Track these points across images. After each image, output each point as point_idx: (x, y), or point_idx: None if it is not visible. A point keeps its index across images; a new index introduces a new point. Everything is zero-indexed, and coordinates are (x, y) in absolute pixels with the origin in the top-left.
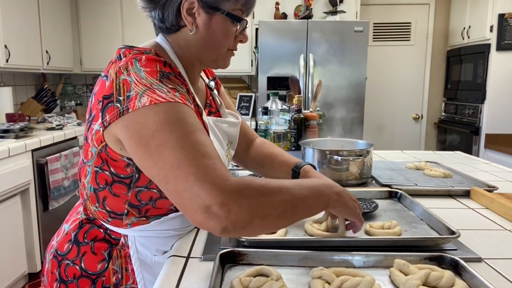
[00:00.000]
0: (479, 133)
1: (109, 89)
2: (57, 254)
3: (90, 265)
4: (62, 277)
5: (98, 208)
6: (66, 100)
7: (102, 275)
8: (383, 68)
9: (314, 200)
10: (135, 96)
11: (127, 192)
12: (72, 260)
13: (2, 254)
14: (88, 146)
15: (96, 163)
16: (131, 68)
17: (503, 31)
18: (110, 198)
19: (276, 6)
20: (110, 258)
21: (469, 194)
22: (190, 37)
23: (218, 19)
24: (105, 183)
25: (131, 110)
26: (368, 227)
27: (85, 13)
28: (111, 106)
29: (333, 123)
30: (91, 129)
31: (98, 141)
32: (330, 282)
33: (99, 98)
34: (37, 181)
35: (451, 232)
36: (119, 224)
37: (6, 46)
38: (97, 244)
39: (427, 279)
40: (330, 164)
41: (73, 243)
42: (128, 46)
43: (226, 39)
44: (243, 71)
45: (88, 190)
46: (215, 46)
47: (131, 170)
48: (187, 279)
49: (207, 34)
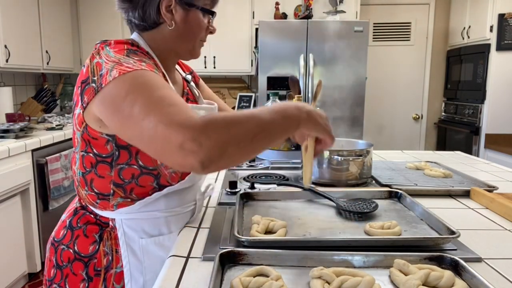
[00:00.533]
0: (479, 133)
1: (85, 74)
2: (54, 241)
3: (82, 247)
4: (58, 263)
5: (88, 191)
6: (66, 100)
7: (94, 257)
8: (383, 68)
9: (284, 121)
10: (106, 72)
11: (110, 172)
12: (67, 245)
13: (2, 254)
14: (74, 134)
15: (81, 147)
16: (101, 52)
17: (503, 31)
18: (96, 180)
19: (276, 6)
20: (101, 240)
21: (469, 194)
22: (168, 32)
23: (194, 14)
24: (91, 166)
25: (104, 85)
26: (368, 227)
27: (85, 13)
28: (87, 87)
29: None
30: (73, 114)
31: (79, 123)
32: (330, 282)
33: (78, 84)
34: (37, 181)
35: (451, 232)
36: (106, 206)
37: (6, 46)
38: (89, 227)
39: (427, 279)
40: (330, 164)
41: (68, 229)
42: (102, 40)
43: (200, 31)
44: (243, 71)
45: (78, 175)
46: (192, 38)
47: (111, 148)
48: (187, 279)
49: (185, 28)
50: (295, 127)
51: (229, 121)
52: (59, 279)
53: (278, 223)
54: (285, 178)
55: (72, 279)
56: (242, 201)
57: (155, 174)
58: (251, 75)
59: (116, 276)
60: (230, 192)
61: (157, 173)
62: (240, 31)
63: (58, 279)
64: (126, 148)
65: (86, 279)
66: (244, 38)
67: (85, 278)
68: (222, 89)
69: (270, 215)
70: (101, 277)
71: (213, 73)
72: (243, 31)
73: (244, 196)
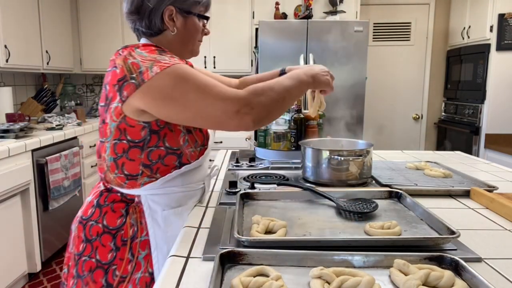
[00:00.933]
0: (479, 133)
1: (120, 73)
2: (82, 220)
3: (111, 221)
4: (87, 237)
5: (117, 174)
6: (66, 100)
7: (121, 229)
8: (383, 68)
9: (299, 84)
10: (146, 70)
11: (140, 155)
12: (96, 220)
13: (2, 254)
14: (107, 126)
15: (114, 136)
16: (134, 53)
17: (503, 31)
18: (127, 164)
19: (276, 6)
20: (127, 214)
21: (469, 194)
22: (171, 37)
23: (191, 20)
24: (122, 151)
25: (147, 80)
26: (368, 227)
27: (85, 13)
28: (126, 84)
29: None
30: (109, 109)
31: (117, 115)
32: (330, 282)
33: (113, 83)
34: (37, 181)
35: (451, 232)
36: (134, 185)
37: (6, 46)
38: (116, 205)
39: (427, 279)
40: (330, 164)
41: (96, 207)
42: (123, 46)
43: (197, 33)
44: (243, 71)
45: (108, 161)
46: (191, 40)
47: (145, 133)
48: (187, 279)
49: (185, 32)
50: (306, 88)
51: (266, 89)
52: (89, 251)
53: (278, 223)
54: (285, 178)
55: (102, 250)
56: (242, 201)
57: (178, 154)
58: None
59: (140, 244)
60: (230, 192)
61: (180, 152)
62: (240, 31)
63: (88, 252)
64: (157, 132)
65: (114, 249)
66: (244, 38)
67: (113, 248)
68: None
69: (270, 215)
70: (128, 246)
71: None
72: (243, 31)
73: (244, 196)
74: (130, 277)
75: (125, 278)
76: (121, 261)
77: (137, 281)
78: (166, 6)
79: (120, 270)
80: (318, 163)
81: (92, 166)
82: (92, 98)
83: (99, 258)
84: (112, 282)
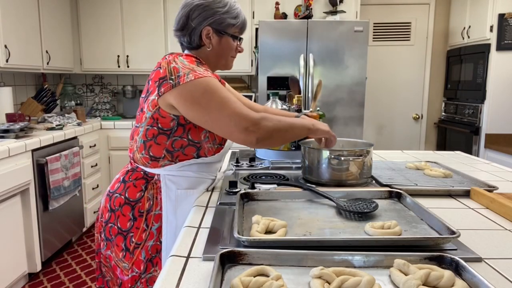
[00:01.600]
0: (479, 133)
1: (163, 73)
2: (109, 192)
3: (131, 194)
4: (112, 207)
5: (143, 154)
6: (66, 100)
7: (139, 201)
8: (383, 68)
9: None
10: (183, 75)
11: (166, 141)
12: (120, 193)
13: (2, 254)
14: (143, 114)
15: (148, 123)
16: (177, 60)
17: (503, 31)
18: (154, 147)
19: (276, 6)
20: (146, 189)
21: (469, 194)
22: (208, 52)
23: (226, 39)
24: (152, 136)
25: (182, 83)
26: (368, 227)
27: (85, 13)
28: (165, 83)
29: (333, 123)
30: (147, 100)
31: (153, 106)
32: (330, 282)
33: (155, 80)
34: (37, 181)
35: (451, 232)
36: (155, 165)
37: (6, 46)
38: (138, 181)
39: (427, 279)
40: (330, 164)
41: (121, 182)
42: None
43: (230, 50)
44: (243, 71)
45: (138, 142)
46: (224, 56)
47: (173, 124)
48: (187, 279)
49: (219, 49)
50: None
51: (275, 119)
52: (113, 219)
53: (278, 223)
54: (285, 178)
55: (122, 219)
56: (242, 201)
57: (197, 147)
58: (251, 75)
59: (154, 217)
60: (230, 192)
61: (200, 146)
62: None
63: (112, 219)
64: (183, 125)
65: (132, 218)
66: (244, 38)
67: (131, 218)
68: None
69: (270, 215)
70: (143, 217)
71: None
72: None
73: (244, 196)
74: (143, 244)
75: (139, 244)
76: (137, 229)
77: (149, 248)
78: (205, 26)
79: (135, 237)
80: (318, 163)
81: (92, 166)
82: (92, 98)
83: (119, 225)
84: (129, 247)
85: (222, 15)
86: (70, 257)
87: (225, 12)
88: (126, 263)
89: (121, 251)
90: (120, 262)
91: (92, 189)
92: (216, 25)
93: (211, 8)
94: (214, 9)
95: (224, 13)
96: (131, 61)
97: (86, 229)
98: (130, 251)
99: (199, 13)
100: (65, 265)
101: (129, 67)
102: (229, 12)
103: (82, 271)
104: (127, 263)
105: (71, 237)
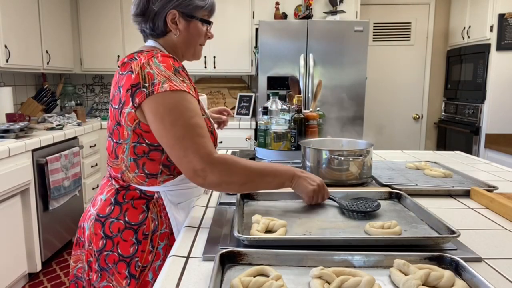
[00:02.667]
0: (479, 133)
1: (135, 79)
2: (99, 217)
3: (132, 217)
4: (107, 234)
5: (137, 173)
6: (66, 100)
7: (143, 223)
8: (383, 68)
9: (272, 179)
10: (158, 83)
11: (160, 156)
12: (116, 217)
13: (2, 254)
14: (123, 128)
15: (133, 139)
16: (152, 63)
17: (503, 31)
18: (148, 163)
19: (276, 6)
20: (148, 209)
21: (469, 194)
22: (175, 39)
23: (194, 24)
24: (143, 153)
25: (156, 93)
26: (368, 226)
27: (85, 13)
28: (139, 91)
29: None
30: (123, 113)
31: (131, 120)
32: (330, 282)
33: (127, 87)
34: (37, 181)
35: (451, 232)
36: (154, 183)
37: (6, 46)
38: (136, 201)
39: (427, 279)
40: (330, 164)
41: (115, 205)
42: (138, 51)
43: (200, 37)
44: (243, 71)
45: (127, 162)
46: (193, 43)
47: None
48: (187, 279)
49: (187, 35)
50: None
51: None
52: (110, 247)
53: (278, 223)
54: None
55: (123, 244)
56: (242, 201)
57: None
58: (251, 75)
59: (160, 236)
60: (230, 192)
61: None
62: (240, 31)
63: (109, 247)
64: None
65: (135, 243)
66: (244, 38)
67: (134, 242)
68: (222, 89)
69: (270, 215)
70: (149, 239)
71: (213, 73)
72: (243, 31)
73: (244, 196)
74: (150, 266)
75: (146, 267)
76: (143, 253)
77: (157, 269)
78: (170, 10)
79: (141, 261)
80: (318, 163)
81: (92, 166)
82: (92, 98)
83: (121, 252)
84: (135, 273)
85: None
86: (70, 257)
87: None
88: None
89: (124, 279)
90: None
91: (92, 189)
92: (182, 7)
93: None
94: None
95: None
96: None
97: None
98: (136, 277)
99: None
100: (65, 265)
101: None
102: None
103: None
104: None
105: (71, 237)
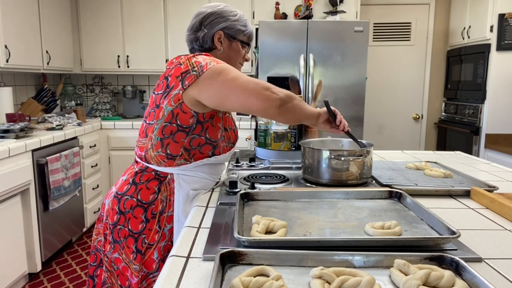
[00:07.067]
0: (479, 133)
1: (184, 68)
2: (117, 194)
3: (144, 196)
4: (121, 210)
5: (160, 152)
6: (66, 100)
7: (153, 203)
8: (383, 68)
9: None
10: (206, 64)
11: (184, 139)
12: (131, 195)
13: (2, 254)
14: (160, 109)
15: (166, 119)
16: (196, 56)
17: (503, 31)
18: (172, 144)
19: (276, 6)
20: (159, 191)
21: (469, 194)
22: (218, 55)
23: (236, 44)
24: (170, 133)
25: (205, 70)
26: (368, 227)
27: (85, 13)
28: (188, 75)
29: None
30: (169, 95)
31: (175, 100)
32: (330, 282)
33: (177, 75)
34: (37, 181)
35: (451, 232)
36: (171, 164)
37: (6, 46)
38: (150, 183)
39: (427, 279)
40: (330, 164)
41: (131, 184)
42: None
43: (239, 56)
44: (243, 71)
45: (154, 140)
46: (233, 60)
47: (193, 121)
48: (187, 279)
49: (229, 53)
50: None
51: (296, 101)
52: (122, 221)
53: (279, 223)
54: (285, 178)
55: (134, 221)
56: (242, 201)
57: (214, 145)
58: (251, 75)
59: (167, 218)
60: (230, 192)
61: (216, 144)
62: None
63: (122, 222)
64: (201, 123)
65: (144, 220)
66: None
67: (143, 220)
68: None
69: (270, 215)
70: (156, 219)
71: None
72: None
73: (244, 196)
74: (156, 245)
75: (152, 245)
76: (150, 231)
77: (162, 249)
78: (217, 31)
79: (148, 238)
80: (318, 163)
81: (92, 166)
82: (92, 98)
83: (131, 228)
84: (141, 249)
85: (233, 22)
86: (70, 257)
87: (235, 20)
88: (137, 265)
89: (132, 253)
90: (131, 264)
91: (92, 189)
92: (227, 30)
93: (223, 15)
94: (226, 16)
95: (235, 21)
96: (131, 61)
97: (86, 229)
98: (142, 252)
99: (212, 19)
100: (65, 265)
101: (129, 67)
102: (239, 21)
103: (82, 271)
104: (138, 264)
105: (71, 237)
